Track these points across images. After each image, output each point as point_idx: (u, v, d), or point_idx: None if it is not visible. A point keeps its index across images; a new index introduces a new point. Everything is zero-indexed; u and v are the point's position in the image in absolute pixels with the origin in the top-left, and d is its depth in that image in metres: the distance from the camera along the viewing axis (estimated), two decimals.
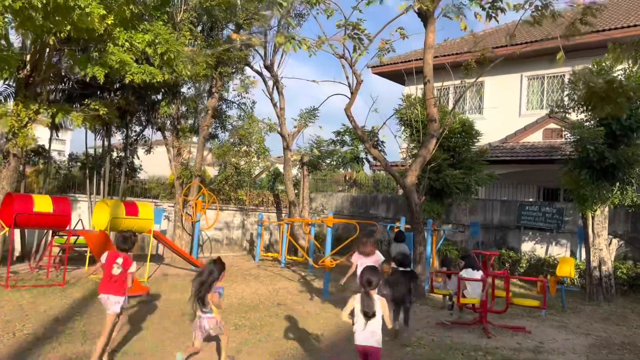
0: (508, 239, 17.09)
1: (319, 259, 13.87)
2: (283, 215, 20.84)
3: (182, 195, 15.05)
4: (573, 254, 15.68)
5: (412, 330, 8.43)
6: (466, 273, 8.86)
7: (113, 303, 6.01)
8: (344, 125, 24.69)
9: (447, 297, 9.52)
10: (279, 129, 18.02)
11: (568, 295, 12.68)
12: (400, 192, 17.80)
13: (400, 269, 8.69)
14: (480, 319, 9.10)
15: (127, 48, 10.93)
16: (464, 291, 8.85)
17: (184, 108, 17.39)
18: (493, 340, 8.34)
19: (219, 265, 6.11)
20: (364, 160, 27.02)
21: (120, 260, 6.08)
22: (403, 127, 16.23)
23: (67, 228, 10.75)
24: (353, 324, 5.13)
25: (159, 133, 16.67)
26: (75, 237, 11.94)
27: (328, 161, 25.62)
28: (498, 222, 17.37)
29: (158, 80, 11.48)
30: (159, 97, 15.72)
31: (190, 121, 17.17)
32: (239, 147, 19.41)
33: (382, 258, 8.68)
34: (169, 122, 15.89)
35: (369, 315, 4.90)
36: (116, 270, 6.02)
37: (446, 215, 18.20)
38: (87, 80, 12.15)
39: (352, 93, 10.40)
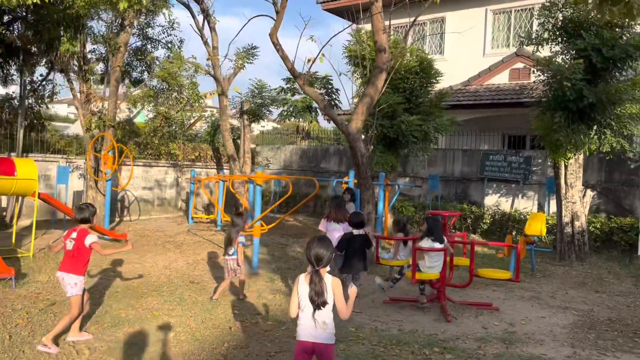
0: (470, 192, 15.43)
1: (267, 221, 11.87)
2: (226, 172, 18.66)
3: (91, 150, 12.63)
4: (541, 208, 14.16)
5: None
6: (426, 242, 6.96)
7: (70, 284, 5.29)
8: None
9: (397, 270, 7.66)
10: (212, 72, 15.56)
11: (536, 255, 11.13)
12: None
13: (354, 231, 6.85)
14: (438, 295, 7.31)
15: None
16: (420, 263, 6.98)
17: (101, 48, 14.79)
18: (453, 325, 6.56)
19: (241, 217, 7.44)
20: (318, 109, 24.80)
21: (74, 235, 5.37)
22: (353, 67, 14.06)
23: None
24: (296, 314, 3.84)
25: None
26: None
27: (279, 110, 23.36)
28: (459, 173, 15.65)
29: (33, 0, 8.89)
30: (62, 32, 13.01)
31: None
32: (168, 94, 16.94)
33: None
34: (75, 62, 13.24)
35: (318, 303, 3.66)
36: (69, 245, 5.34)
37: (402, 168, 16.36)
38: None
39: (277, 13, 8.16)
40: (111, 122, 13.05)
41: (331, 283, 3.74)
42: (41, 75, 15.17)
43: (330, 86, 24.17)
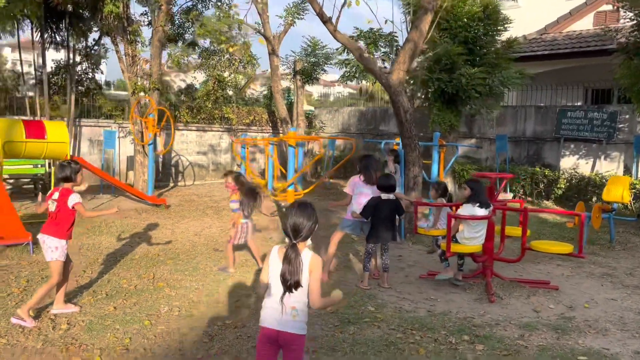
0: (544, 153, 13.80)
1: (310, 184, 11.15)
2: (281, 136, 18.06)
3: (133, 113, 12.38)
4: (627, 170, 12.38)
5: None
6: (466, 209, 5.87)
7: (50, 248, 4.84)
8: (357, 28, 21.15)
9: (434, 241, 6.64)
10: (262, 30, 14.82)
11: (618, 225, 9.63)
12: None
13: (383, 196, 5.93)
14: (484, 271, 6.26)
15: None
16: (458, 235, 5.95)
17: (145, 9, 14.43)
18: (497, 306, 5.53)
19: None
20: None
21: (56, 195, 4.89)
22: (409, 17, 12.74)
23: None
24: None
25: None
26: None
27: (342, 70, 22.29)
28: (532, 133, 14.03)
29: None
30: None
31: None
32: (220, 56, 16.44)
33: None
34: (119, 24, 12.94)
35: (290, 284, 2.93)
36: (52, 207, 4.88)
37: (468, 128, 14.99)
38: None
39: None
40: (155, 85, 12.72)
41: (309, 262, 3.01)
42: (94, 40, 15.12)
43: (396, 44, 22.75)
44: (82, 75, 15.17)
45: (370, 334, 4.66)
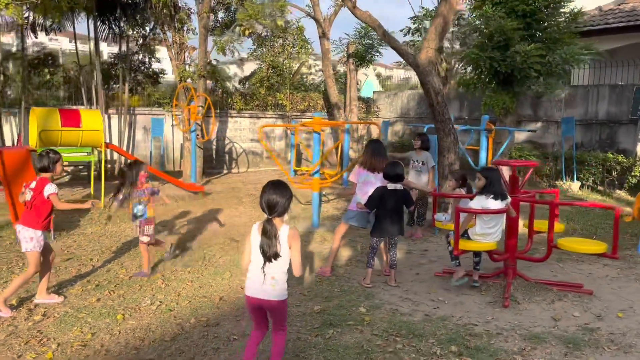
0: (618, 137, 12.40)
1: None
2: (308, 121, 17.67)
3: (175, 101, 12.50)
4: None
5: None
6: (477, 201, 5.19)
7: (25, 238, 4.77)
8: (423, 7, 20.25)
9: (446, 236, 5.97)
10: (311, 12, 14.41)
11: None
12: None
13: (389, 186, 5.43)
14: (505, 271, 5.57)
15: None
16: (470, 230, 5.30)
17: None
18: (510, 311, 4.86)
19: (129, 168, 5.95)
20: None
21: (33, 184, 4.85)
22: None
23: None
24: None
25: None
26: None
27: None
28: (605, 115, 12.65)
29: None
30: None
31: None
32: (274, 42, 16.28)
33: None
34: (167, 12, 13.06)
35: (269, 255, 3.28)
36: (27, 196, 4.83)
37: (533, 110, 13.82)
38: None
39: None
40: (201, 72, 12.75)
41: (287, 235, 3.32)
42: (149, 29, 15.41)
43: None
44: (140, 65, 15.57)
45: (348, 339, 4.21)
